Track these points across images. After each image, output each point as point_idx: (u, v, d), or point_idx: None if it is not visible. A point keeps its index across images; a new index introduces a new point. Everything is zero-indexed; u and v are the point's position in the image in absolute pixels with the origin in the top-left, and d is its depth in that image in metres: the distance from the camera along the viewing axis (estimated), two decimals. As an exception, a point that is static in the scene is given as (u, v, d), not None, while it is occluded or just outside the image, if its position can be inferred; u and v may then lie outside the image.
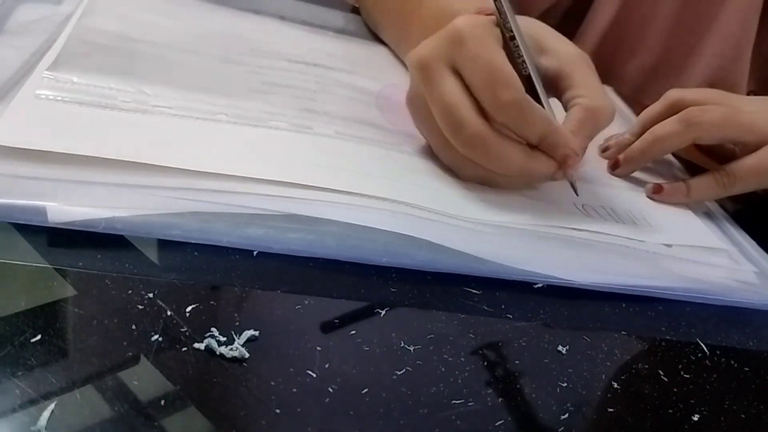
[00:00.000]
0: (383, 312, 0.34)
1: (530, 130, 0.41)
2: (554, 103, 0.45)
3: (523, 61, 0.42)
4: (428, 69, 0.41)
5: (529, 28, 0.45)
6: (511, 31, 0.42)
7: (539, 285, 0.38)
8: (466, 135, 0.40)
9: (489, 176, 0.42)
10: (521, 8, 0.74)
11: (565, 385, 0.32)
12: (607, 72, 0.74)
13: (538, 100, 0.42)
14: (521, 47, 0.42)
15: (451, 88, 0.40)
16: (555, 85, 0.44)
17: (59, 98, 0.39)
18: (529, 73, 0.42)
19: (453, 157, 0.42)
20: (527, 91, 0.41)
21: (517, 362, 0.33)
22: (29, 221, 0.32)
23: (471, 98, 0.40)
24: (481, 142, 0.40)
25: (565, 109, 0.44)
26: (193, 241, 0.34)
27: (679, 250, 0.44)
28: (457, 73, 0.41)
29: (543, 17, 0.76)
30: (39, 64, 0.42)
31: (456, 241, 0.37)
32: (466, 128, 0.40)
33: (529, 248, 0.40)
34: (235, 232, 0.35)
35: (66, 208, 0.33)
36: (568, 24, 0.77)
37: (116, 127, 0.38)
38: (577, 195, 0.43)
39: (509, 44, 0.42)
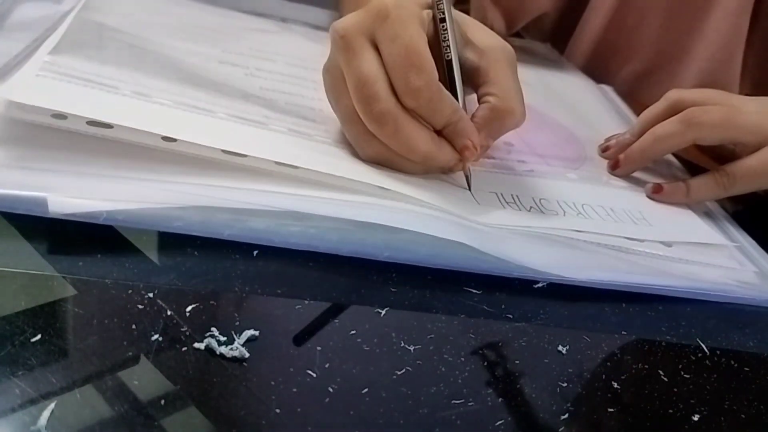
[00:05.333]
0: (383, 312, 0.34)
1: (437, 116, 0.40)
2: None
3: (448, 46, 0.42)
4: (349, 39, 0.40)
5: (457, 18, 0.44)
6: (443, 12, 0.41)
7: (539, 285, 0.38)
8: (377, 110, 0.39)
9: (391, 157, 0.41)
10: (514, 13, 0.74)
11: (565, 385, 0.32)
12: (601, 77, 0.74)
13: (454, 86, 0.42)
14: (449, 31, 0.42)
15: (369, 62, 0.39)
16: (472, 79, 0.43)
17: (61, 81, 0.38)
18: (451, 58, 0.42)
19: (357, 132, 0.41)
20: (444, 77, 0.40)
21: (517, 362, 0.33)
22: (30, 212, 0.32)
23: (387, 75, 0.39)
24: (391, 120, 0.39)
25: (479, 103, 0.43)
26: (194, 234, 0.34)
27: (678, 250, 0.44)
28: (377, 49, 0.40)
29: (534, 25, 0.76)
30: (39, 49, 0.42)
31: (457, 237, 0.37)
32: (378, 103, 0.39)
33: (530, 246, 0.40)
34: (236, 225, 0.35)
35: (67, 199, 0.32)
36: (560, 32, 0.77)
37: (120, 105, 0.38)
38: (470, 189, 0.43)
39: (438, 26, 0.42)
